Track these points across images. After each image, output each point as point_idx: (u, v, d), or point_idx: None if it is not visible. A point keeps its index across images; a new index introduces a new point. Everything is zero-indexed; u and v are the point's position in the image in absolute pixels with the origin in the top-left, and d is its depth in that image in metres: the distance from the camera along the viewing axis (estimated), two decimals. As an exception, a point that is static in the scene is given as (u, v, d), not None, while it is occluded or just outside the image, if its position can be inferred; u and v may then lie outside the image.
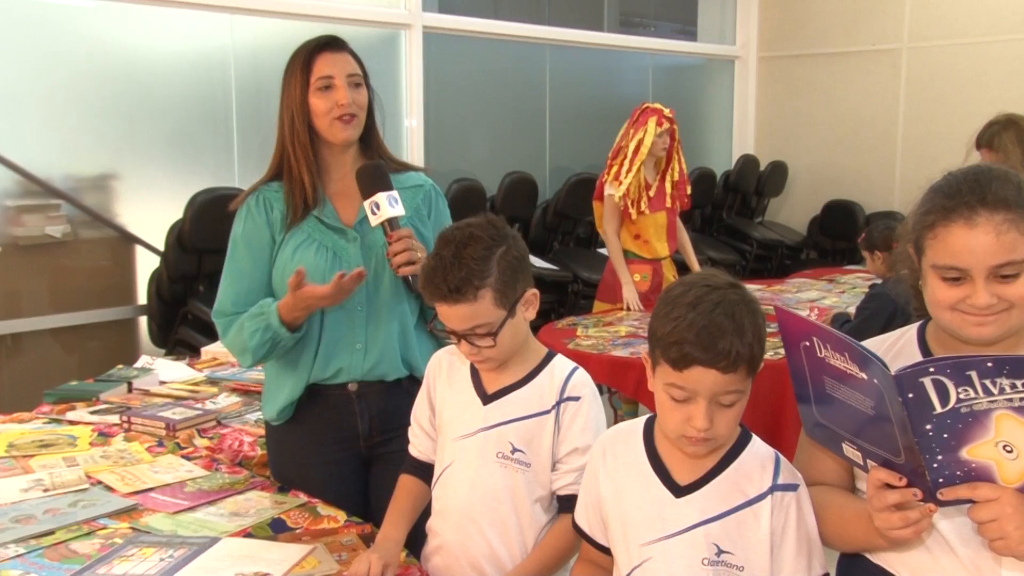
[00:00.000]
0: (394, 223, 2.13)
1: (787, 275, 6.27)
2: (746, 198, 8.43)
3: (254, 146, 5.38)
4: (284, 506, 2.15)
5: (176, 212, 4.84)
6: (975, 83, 7.04)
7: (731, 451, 1.57)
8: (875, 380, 1.30)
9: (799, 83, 8.34)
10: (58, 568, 1.82)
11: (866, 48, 7.81)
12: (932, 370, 1.26)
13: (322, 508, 2.15)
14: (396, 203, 2.14)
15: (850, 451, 1.45)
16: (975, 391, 1.26)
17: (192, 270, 4.89)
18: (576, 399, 1.85)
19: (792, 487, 1.54)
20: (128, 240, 5.07)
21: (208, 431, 2.68)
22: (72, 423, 2.75)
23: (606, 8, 7.91)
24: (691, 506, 1.54)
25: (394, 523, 1.94)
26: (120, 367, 3.38)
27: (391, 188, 2.16)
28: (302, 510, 2.14)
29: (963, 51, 7.27)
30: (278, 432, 2.33)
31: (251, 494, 2.23)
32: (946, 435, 1.29)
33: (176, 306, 4.92)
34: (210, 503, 2.17)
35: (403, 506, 1.98)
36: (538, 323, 4.88)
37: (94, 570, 1.80)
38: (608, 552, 1.66)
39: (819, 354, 1.39)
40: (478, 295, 1.75)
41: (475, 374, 1.92)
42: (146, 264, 5.07)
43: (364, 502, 2.30)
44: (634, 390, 3.69)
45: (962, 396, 1.26)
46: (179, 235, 4.81)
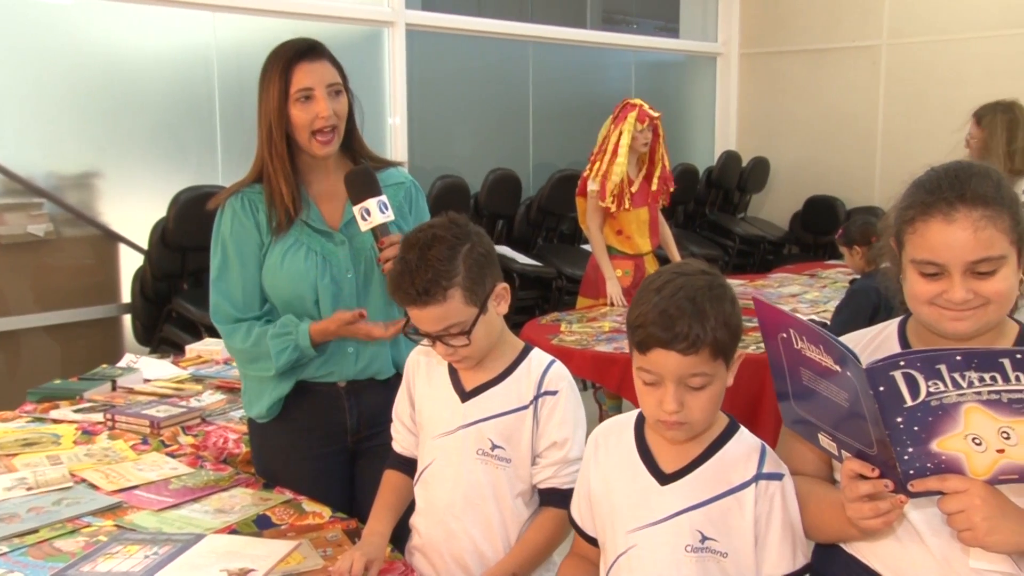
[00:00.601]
0: (384, 228, 2.11)
1: (769, 270, 6.30)
2: (728, 194, 8.45)
3: (237, 144, 5.35)
4: (269, 502, 2.15)
5: (160, 210, 4.82)
6: (954, 79, 7.07)
7: (717, 440, 1.58)
8: (848, 373, 1.31)
9: (780, 79, 8.36)
10: (42, 566, 1.82)
11: (846, 45, 7.85)
12: (903, 364, 1.26)
13: (307, 504, 2.15)
14: (386, 208, 2.12)
15: (826, 442, 1.46)
16: (945, 384, 1.27)
17: (176, 268, 4.87)
18: (553, 393, 1.85)
19: (777, 476, 1.55)
20: (111, 238, 5.04)
21: (193, 428, 2.67)
22: (56, 421, 2.74)
23: (589, 5, 7.91)
24: (676, 493, 1.55)
25: (379, 518, 1.94)
26: (104, 366, 3.36)
27: (380, 193, 2.14)
28: (287, 506, 2.14)
29: (942, 48, 7.31)
30: (263, 428, 2.31)
31: (236, 491, 2.23)
32: (916, 428, 1.30)
33: (160, 304, 4.90)
34: (195, 500, 2.17)
35: (388, 501, 1.98)
36: (522, 319, 4.90)
37: (78, 568, 1.80)
38: (598, 545, 1.67)
39: (796, 346, 1.40)
40: (447, 295, 1.74)
41: (453, 371, 1.92)
42: (130, 262, 5.04)
43: (350, 496, 2.30)
44: (618, 385, 3.71)
45: (932, 389, 1.27)
46: (163, 233, 4.79)
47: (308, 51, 2.17)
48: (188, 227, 4.73)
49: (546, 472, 1.85)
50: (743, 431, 1.61)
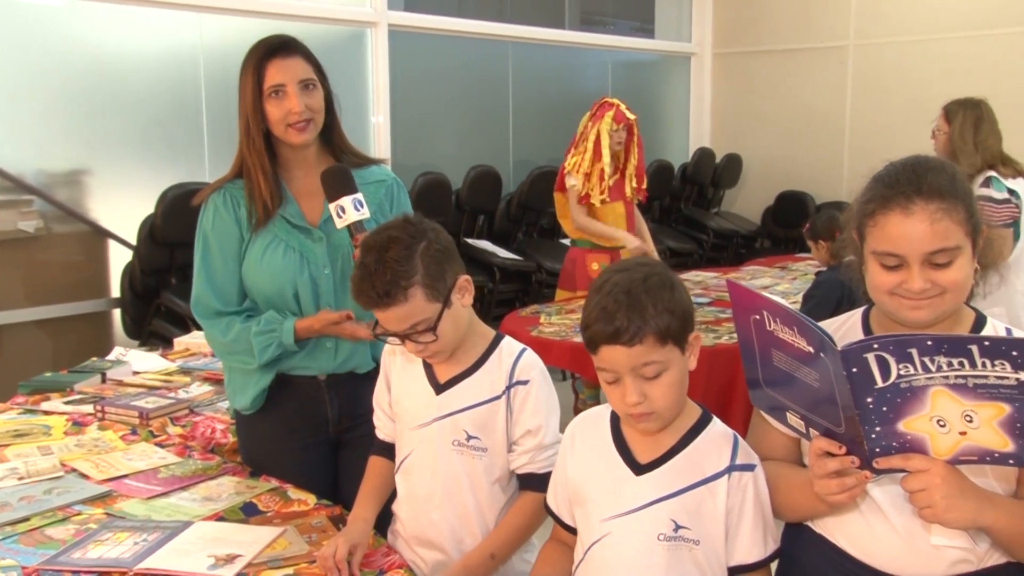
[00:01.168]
0: (359, 226, 2.08)
1: (742, 263, 6.34)
2: (703, 189, 8.48)
3: (224, 142, 5.31)
4: (255, 490, 2.15)
5: (148, 207, 4.79)
6: (918, 79, 7.11)
7: (691, 431, 1.58)
8: (821, 354, 1.32)
9: (752, 79, 8.39)
10: (33, 553, 1.81)
11: (815, 45, 7.88)
12: (876, 347, 1.28)
13: (292, 492, 2.15)
14: (361, 206, 2.10)
15: (794, 420, 1.47)
16: (915, 368, 1.28)
17: (164, 263, 4.85)
18: (525, 383, 1.85)
19: (749, 467, 1.56)
20: (100, 234, 5.02)
21: (181, 419, 2.66)
22: (47, 413, 2.73)
23: (567, 6, 7.92)
24: (650, 483, 1.56)
25: (364, 504, 1.94)
26: (94, 359, 3.35)
27: (356, 191, 2.11)
28: (273, 494, 2.13)
29: (906, 48, 7.35)
30: (249, 420, 2.31)
31: (223, 479, 2.22)
32: (885, 408, 1.32)
33: (149, 298, 4.88)
34: (183, 488, 2.16)
35: (372, 486, 1.98)
36: (503, 311, 4.91)
37: (69, 554, 1.80)
38: (576, 532, 1.68)
39: (768, 327, 1.41)
40: (408, 294, 1.72)
41: (427, 364, 1.91)
42: (119, 258, 5.02)
43: (334, 485, 2.30)
44: (595, 374, 3.71)
45: (902, 372, 1.28)
46: (151, 229, 4.76)
47: (280, 48, 2.16)
48: (176, 223, 4.69)
49: (523, 459, 1.86)
50: (715, 421, 1.62)
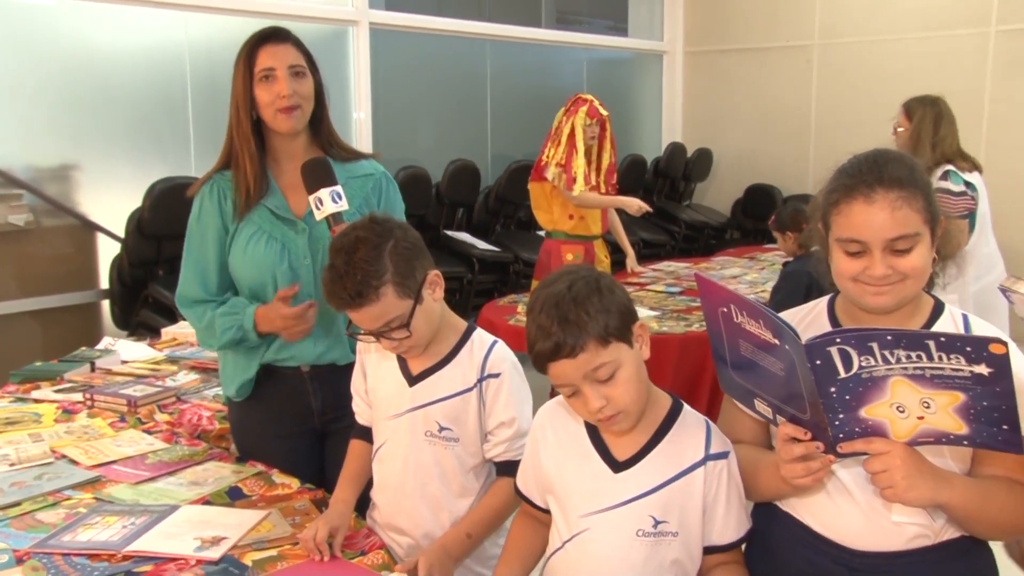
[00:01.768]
0: (337, 217, 2.05)
1: (712, 254, 6.38)
2: (674, 183, 8.49)
3: (210, 137, 5.30)
4: (241, 475, 2.15)
5: (135, 200, 4.76)
6: (879, 76, 7.15)
7: (664, 423, 1.58)
8: (787, 346, 1.34)
9: (722, 76, 8.41)
10: (24, 536, 1.81)
11: (782, 44, 7.91)
12: (839, 340, 1.30)
13: (277, 476, 2.14)
14: (340, 199, 2.07)
15: (762, 407, 1.49)
16: (875, 360, 1.30)
17: (152, 255, 4.81)
18: (497, 375, 1.84)
19: (723, 455, 1.56)
20: (89, 228, 4.98)
21: (168, 407, 2.65)
22: (37, 401, 2.71)
23: (543, 6, 7.91)
24: (629, 481, 1.55)
25: (344, 487, 1.94)
26: (83, 348, 3.32)
27: (335, 183, 2.08)
28: (257, 478, 2.13)
29: (868, 47, 7.39)
30: (239, 408, 2.30)
31: (209, 464, 2.22)
32: (848, 397, 1.34)
33: (137, 290, 4.85)
34: (170, 473, 2.16)
35: (353, 469, 1.98)
36: (481, 301, 4.91)
37: (59, 538, 1.79)
38: (545, 511, 1.68)
39: (736, 320, 1.42)
40: (379, 293, 1.70)
41: (400, 356, 1.89)
42: (107, 250, 4.98)
43: (321, 474, 2.29)
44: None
45: (864, 364, 1.30)
46: (138, 222, 4.73)
47: (272, 35, 2.16)
48: (163, 216, 4.68)
49: (499, 448, 1.85)
50: (687, 410, 1.61)
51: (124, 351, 3.26)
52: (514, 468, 1.80)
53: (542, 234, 4.97)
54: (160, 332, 3.63)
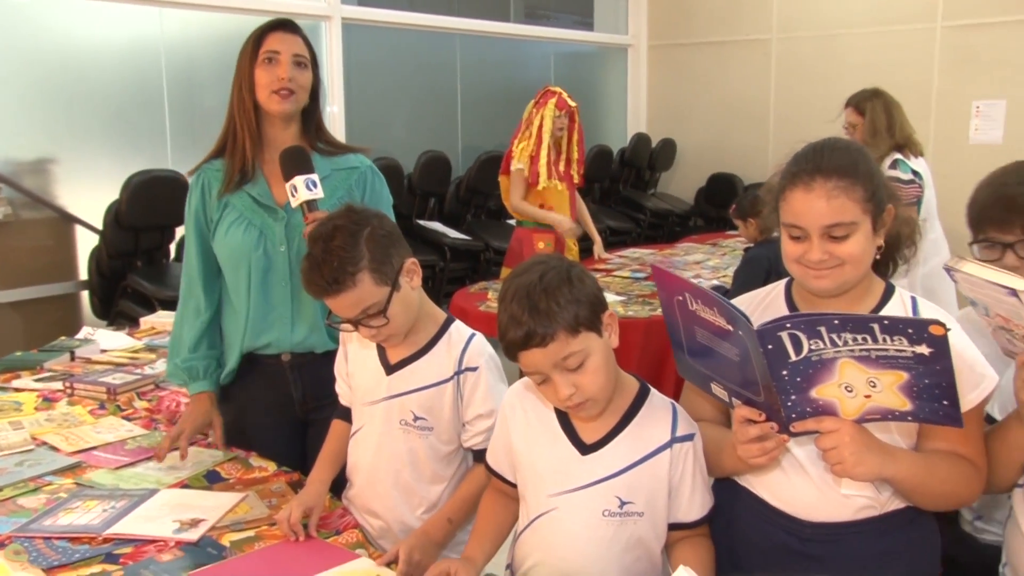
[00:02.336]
0: (312, 205, 2.03)
1: (676, 240, 6.40)
2: (640, 172, 8.52)
3: (186, 130, 5.28)
4: (218, 459, 2.14)
5: (113, 193, 4.71)
6: (834, 69, 7.20)
7: (631, 407, 1.59)
8: (740, 332, 1.36)
9: (685, 69, 8.44)
10: (6, 521, 1.80)
11: (741, 38, 7.95)
12: (789, 326, 1.32)
13: (254, 460, 2.14)
14: (314, 186, 2.05)
15: (718, 390, 1.51)
16: (824, 343, 1.32)
17: (130, 247, 4.78)
18: (474, 369, 1.83)
19: (689, 437, 1.58)
20: (68, 220, 4.93)
21: (147, 394, 2.64)
22: (17, 390, 2.68)
23: (512, 1, 7.89)
24: (596, 463, 1.56)
25: (321, 467, 1.94)
26: (63, 338, 3.29)
27: (310, 172, 2.06)
28: (235, 462, 2.13)
29: (823, 41, 7.45)
30: (223, 395, 2.28)
31: (188, 449, 2.20)
32: (799, 379, 1.36)
33: (116, 280, 4.80)
34: (149, 458, 2.15)
35: (331, 449, 1.97)
36: (453, 288, 4.91)
37: (40, 522, 1.78)
38: (514, 485, 1.68)
39: (691, 307, 1.44)
40: (356, 280, 1.69)
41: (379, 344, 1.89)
42: (86, 242, 4.94)
43: (302, 461, 2.26)
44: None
45: (813, 347, 1.33)
46: (116, 214, 4.69)
47: (283, 24, 2.17)
48: (140, 208, 4.66)
49: (477, 438, 1.85)
50: (654, 394, 1.62)
51: (103, 340, 3.24)
52: None
53: (512, 223, 4.98)
54: (139, 321, 3.61)
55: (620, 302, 4.03)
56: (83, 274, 4.95)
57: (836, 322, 1.30)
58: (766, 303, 1.64)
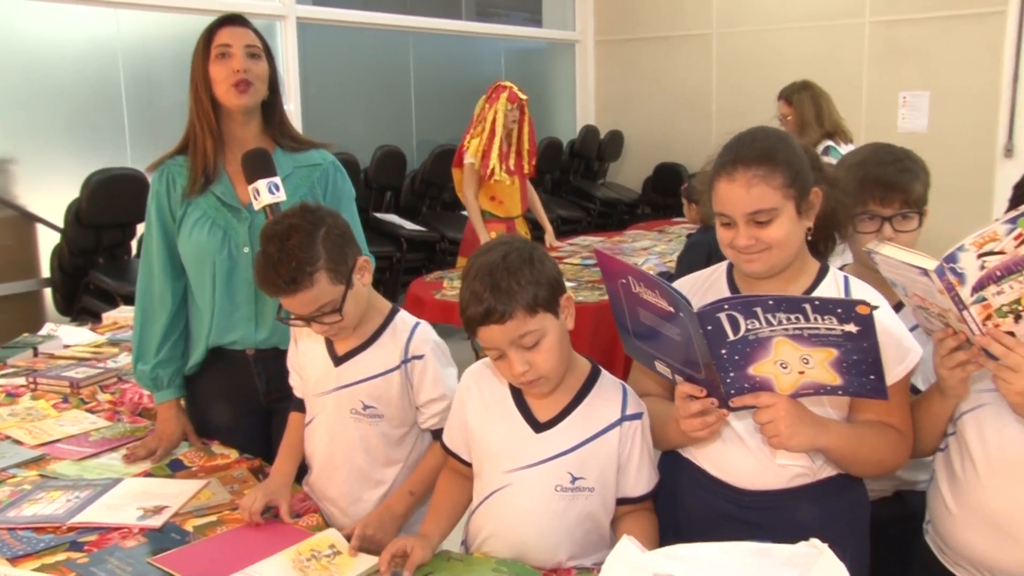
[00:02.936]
0: (275, 208, 1.99)
1: (625, 228, 6.43)
2: (589, 163, 8.55)
3: (145, 129, 5.19)
4: (181, 448, 2.13)
5: (73, 191, 4.63)
6: (772, 62, 7.27)
7: (583, 387, 1.60)
8: (681, 314, 1.38)
9: (630, 63, 8.47)
10: (-30, 515, 1.77)
11: (684, 33, 8.00)
12: (727, 307, 1.34)
13: (216, 448, 2.13)
14: (277, 190, 2.00)
15: (661, 368, 1.53)
16: (760, 323, 1.35)
17: (91, 244, 4.70)
18: (420, 357, 1.83)
19: (638, 416, 1.60)
20: (29, 219, 4.84)
21: (110, 387, 2.59)
22: (-19, 387, 2.63)
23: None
24: (549, 440, 1.58)
25: (283, 458, 1.92)
26: (26, 335, 3.23)
27: (272, 175, 2.01)
28: (197, 451, 2.11)
29: (762, 36, 7.52)
30: (189, 385, 2.24)
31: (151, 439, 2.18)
32: (737, 357, 1.39)
33: (78, 277, 4.72)
34: (112, 449, 2.12)
35: (292, 441, 1.96)
36: (409, 278, 4.90)
37: (4, 513, 1.76)
38: (470, 466, 1.69)
39: (634, 290, 1.46)
40: (313, 280, 1.67)
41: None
42: (47, 240, 4.84)
43: (268, 450, 2.23)
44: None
45: (750, 327, 1.35)
46: (77, 212, 4.61)
47: (231, 18, 2.11)
48: (100, 206, 4.59)
49: (432, 420, 1.85)
50: (604, 375, 1.64)
51: (66, 336, 3.18)
52: None
53: (466, 214, 4.98)
54: (101, 317, 3.55)
55: (571, 288, 4.05)
56: (45, 271, 4.86)
57: (771, 303, 1.33)
58: (709, 283, 1.66)
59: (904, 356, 1.49)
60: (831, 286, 1.57)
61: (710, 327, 1.35)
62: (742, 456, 1.56)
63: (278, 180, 2.01)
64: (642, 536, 1.52)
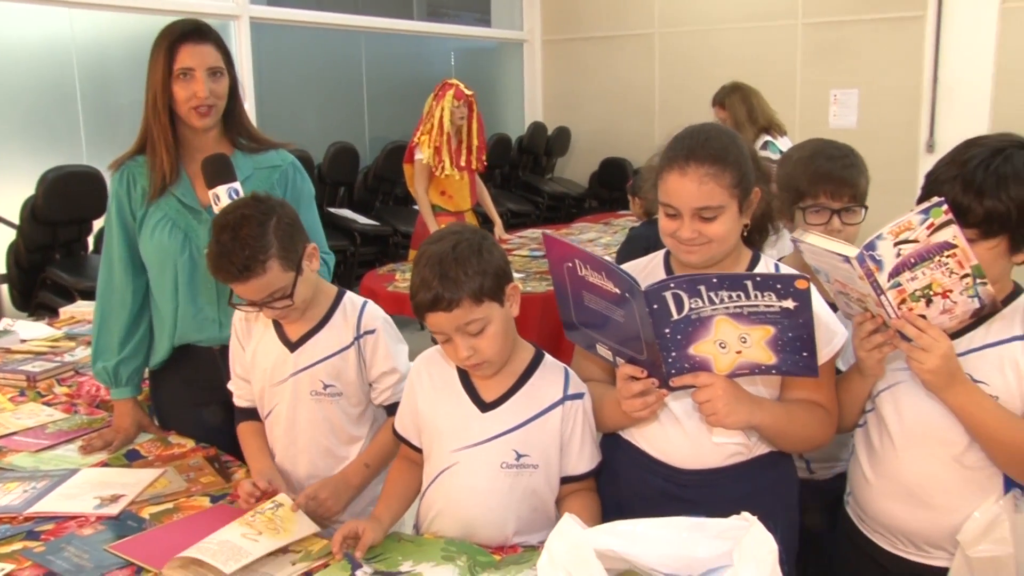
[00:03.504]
0: None
1: (573, 220, 6.46)
2: (537, 158, 8.57)
3: (100, 127, 5.09)
4: (138, 439, 2.09)
5: (28, 189, 4.53)
6: (712, 60, 7.36)
7: (527, 370, 1.62)
8: (627, 295, 1.39)
9: (576, 61, 8.50)
10: (-75, 508, 1.72)
11: (628, 32, 8.04)
12: (672, 286, 1.36)
13: (173, 438, 2.10)
14: (236, 195, 1.95)
15: (603, 350, 1.54)
16: (703, 301, 1.36)
17: (48, 240, 4.61)
18: (372, 332, 1.84)
19: (579, 396, 1.62)
20: (-17, 216, 4.71)
21: (67, 380, 2.54)
22: (-64, 382, 2.56)
23: (414, 0, 7.82)
24: (494, 420, 1.59)
25: (257, 459, 1.88)
26: (-18, 331, 3.15)
27: (232, 180, 1.98)
28: (154, 441, 2.09)
29: (701, 36, 7.60)
30: (155, 378, 2.21)
31: (108, 431, 2.14)
32: (679, 336, 1.40)
33: (35, 273, 4.62)
34: (69, 441, 2.09)
35: (259, 444, 1.92)
36: (363, 271, 4.87)
37: (-40, 506, 1.72)
38: (421, 451, 1.70)
39: (579, 272, 1.46)
40: (266, 267, 1.68)
41: (277, 325, 1.86)
42: (3, 237, 4.72)
43: (232, 442, 2.13)
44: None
45: (693, 306, 1.37)
46: (32, 209, 4.51)
47: (193, 32, 2.03)
48: (56, 203, 4.50)
49: (385, 394, 1.87)
50: (547, 358, 1.66)
51: (23, 331, 3.10)
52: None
53: (417, 208, 4.96)
54: (59, 312, 3.48)
55: (520, 279, 4.07)
56: (1, 268, 4.73)
57: (715, 280, 1.35)
58: (648, 270, 1.68)
59: (831, 339, 1.53)
60: (763, 270, 1.59)
61: (656, 306, 1.37)
62: (678, 437, 1.59)
63: (238, 185, 1.98)
64: (584, 514, 1.53)
